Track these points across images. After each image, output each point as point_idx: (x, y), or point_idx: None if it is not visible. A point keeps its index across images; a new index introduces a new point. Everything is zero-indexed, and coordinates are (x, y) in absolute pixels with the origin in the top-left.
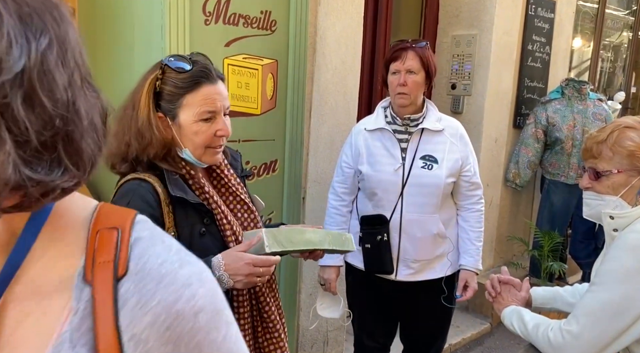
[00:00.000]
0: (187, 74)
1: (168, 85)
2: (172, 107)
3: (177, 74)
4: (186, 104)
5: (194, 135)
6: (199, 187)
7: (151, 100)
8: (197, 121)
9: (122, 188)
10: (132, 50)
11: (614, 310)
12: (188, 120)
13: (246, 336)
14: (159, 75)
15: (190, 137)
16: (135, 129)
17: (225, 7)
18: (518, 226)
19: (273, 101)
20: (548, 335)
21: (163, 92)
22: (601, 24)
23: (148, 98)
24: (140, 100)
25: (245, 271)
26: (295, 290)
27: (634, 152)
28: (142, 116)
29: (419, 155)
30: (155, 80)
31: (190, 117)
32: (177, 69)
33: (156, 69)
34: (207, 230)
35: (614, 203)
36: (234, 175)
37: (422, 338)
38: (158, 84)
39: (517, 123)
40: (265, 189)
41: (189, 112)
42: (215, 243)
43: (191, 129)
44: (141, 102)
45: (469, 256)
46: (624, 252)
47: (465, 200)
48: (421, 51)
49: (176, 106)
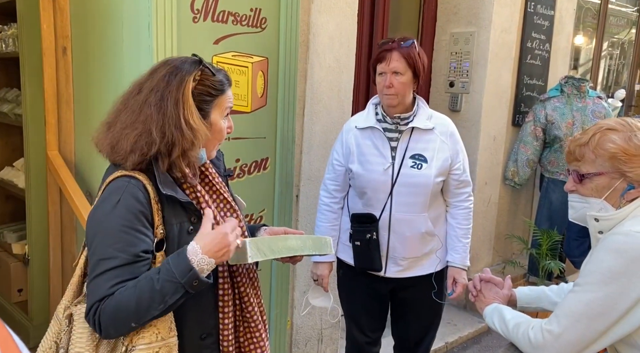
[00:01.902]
0: (220, 77)
1: (204, 87)
2: (206, 107)
3: (212, 76)
4: (217, 105)
5: (219, 133)
6: (190, 186)
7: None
8: (222, 119)
9: (111, 185)
10: (121, 48)
11: (596, 312)
12: (218, 119)
13: (229, 335)
14: (197, 76)
15: (215, 136)
16: (180, 128)
17: (213, 5)
18: (517, 224)
19: (264, 99)
20: (528, 334)
21: (195, 93)
22: (604, 20)
23: (191, 98)
24: (185, 100)
25: (221, 242)
26: (289, 287)
27: (616, 155)
28: (195, 117)
29: (408, 154)
30: (193, 81)
31: (219, 116)
32: (214, 72)
33: (191, 69)
34: (195, 228)
35: (598, 205)
36: (217, 174)
37: (412, 333)
38: (195, 84)
39: (516, 121)
40: (257, 187)
41: (218, 112)
42: None
43: (219, 126)
44: (188, 103)
45: (456, 253)
46: (608, 254)
47: (454, 198)
48: (407, 51)
49: (210, 107)
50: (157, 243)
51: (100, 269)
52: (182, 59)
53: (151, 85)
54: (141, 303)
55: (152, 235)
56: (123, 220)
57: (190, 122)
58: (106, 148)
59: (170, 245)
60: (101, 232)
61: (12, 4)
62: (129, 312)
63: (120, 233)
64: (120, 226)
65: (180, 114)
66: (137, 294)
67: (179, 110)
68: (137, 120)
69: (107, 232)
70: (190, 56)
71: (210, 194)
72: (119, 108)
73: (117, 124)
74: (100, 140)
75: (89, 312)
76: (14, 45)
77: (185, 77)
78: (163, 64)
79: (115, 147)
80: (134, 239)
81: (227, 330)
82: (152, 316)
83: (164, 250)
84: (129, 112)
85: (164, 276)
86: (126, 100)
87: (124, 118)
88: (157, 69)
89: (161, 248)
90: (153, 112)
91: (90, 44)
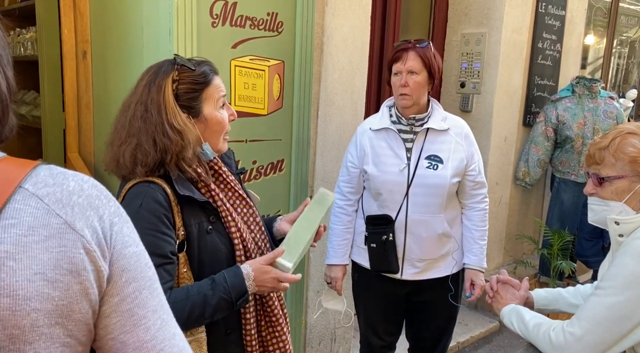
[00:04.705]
0: (200, 70)
1: (186, 85)
2: (194, 103)
3: (191, 72)
4: (206, 98)
5: (218, 124)
6: (204, 185)
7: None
8: (218, 110)
9: (131, 191)
10: (141, 52)
11: (618, 315)
12: (212, 111)
13: (252, 330)
14: (175, 76)
15: (215, 129)
16: (167, 134)
17: (232, 10)
18: (528, 225)
19: (280, 101)
20: (549, 335)
21: (179, 93)
22: (615, 19)
23: (174, 100)
24: (167, 105)
25: (270, 284)
26: (303, 287)
27: (636, 158)
28: (178, 119)
29: (424, 155)
30: (172, 83)
31: (212, 108)
32: (192, 67)
33: (167, 71)
34: (214, 227)
35: (618, 208)
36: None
37: (428, 336)
38: (175, 85)
39: (526, 121)
40: (272, 188)
41: (210, 104)
42: (222, 240)
43: (216, 118)
44: (169, 106)
45: (473, 255)
46: (631, 258)
47: (470, 199)
48: (422, 51)
49: (198, 102)
50: (179, 244)
51: None
52: (160, 64)
53: (135, 99)
54: (192, 314)
55: (175, 236)
56: (147, 223)
57: (175, 124)
58: (112, 165)
59: (191, 246)
60: None
61: (31, 8)
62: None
63: (146, 236)
64: (146, 230)
65: (164, 120)
66: (189, 306)
67: (162, 116)
68: (130, 134)
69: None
70: (166, 59)
71: (226, 192)
72: (114, 126)
73: (115, 142)
74: (106, 160)
75: None
76: (33, 48)
77: (162, 81)
78: (145, 73)
79: (119, 163)
80: (160, 242)
81: (249, 325)
82: (195, 326)
83: (185, 251)
84: (121, 129)
85: (219, 293)
86: (118, 118)
87: (118, 135)
88: (140, 81)
89: (182, 249)
90: (141, 125)
91: (110, 49)
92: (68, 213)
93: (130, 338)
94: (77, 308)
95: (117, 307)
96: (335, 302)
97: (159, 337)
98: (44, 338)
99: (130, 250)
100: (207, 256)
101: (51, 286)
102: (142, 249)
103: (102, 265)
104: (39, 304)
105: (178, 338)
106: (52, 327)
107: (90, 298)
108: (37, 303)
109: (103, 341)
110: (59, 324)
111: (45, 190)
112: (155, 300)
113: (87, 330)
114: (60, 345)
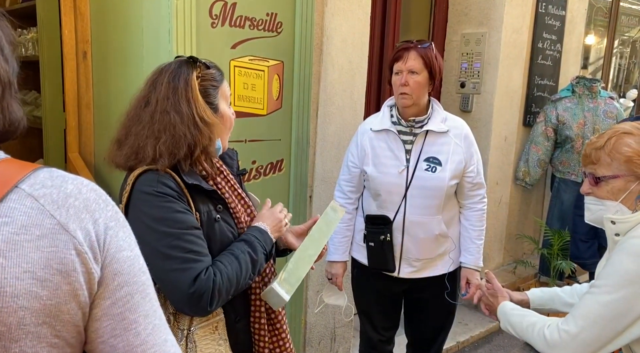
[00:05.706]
0: (215, 69)
1: (207, 81)
2: (214, 100)
3: (208, 69)
4: (221, 95)
5: (230, 121)
6: (211, 178)
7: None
8: (229, 106)
9: (141, 179)
10: (141, 53)
11: (613, 313)
12: (226, 108)
13: (261, 318)
14: (198, 73)
15: (227, 125)
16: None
17: (231, 10)
18: (528, 224)
19: (279, 101)
20: (544, 333)
21: (202, 89)
22: (615, 19)
23: (200, 95)
24: (196, 99)
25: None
26: (302, 287)
27: (631, 158)
28: (208, 113)
29: (423, 157)
30: (197, 78)
31: (225, 105)
32: (209, 65)
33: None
34: (222, 216)
35: (614, 208)
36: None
37: (425, 332)
38: (199, 81)
39: (527, 121)
40: (272, 188)
41: (224, 101)
42: (229, 228)
43: (228, 115)
44: (199, 101)
45: (470, 254)
46: (626, 257)
47: (468, 200)
48: (424, 51)
49: (217, 98)
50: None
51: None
52: (175, 63)
53: (158, 95)
54: (246, 273)
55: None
56: (166, 201)
57: (205, 118)
58: (122, 159)
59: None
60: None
61: (31, 9)
62: (237, 282)
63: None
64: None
65: (194, 112)
66: (243, 266)
67: (192, 109)
68: (156, 129)
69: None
70: (178, 59)
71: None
72: (128, 124)
73: (131, 137)
74: (113, 156)
75: (193, 290)
76: (33, 49)
77: (188, 77)
78: (159, 72)
79: (138, 154)
80: (183, 216)
81: (259, 311)
82: (245, 287)
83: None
84: (144, 124)
85: (259, 248)
86: (135, 114)
87: (137, 130)
88: (157, 79)
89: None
90: (171, 118)
91: (110, 49)
92: (62, 214)
93: (120, 342)
94: (65, 308)
95: (108, 310)
96: (337, 297)
97: (150, 342)
98: (30, 337)
99: (124, 254)
100: (216, 245)
101: (40, 285)
102: (138, 254)
103: (93, 268)
104: (27, 302)
105: (169, 344)
106: (39, 326)
107: (79, 300)
108: (25, 301)
109: (93, 344)
110: (46, 324)
111: (42, 191)
112: (148, 305)
113: (76, 332)
114: (47, 345)
